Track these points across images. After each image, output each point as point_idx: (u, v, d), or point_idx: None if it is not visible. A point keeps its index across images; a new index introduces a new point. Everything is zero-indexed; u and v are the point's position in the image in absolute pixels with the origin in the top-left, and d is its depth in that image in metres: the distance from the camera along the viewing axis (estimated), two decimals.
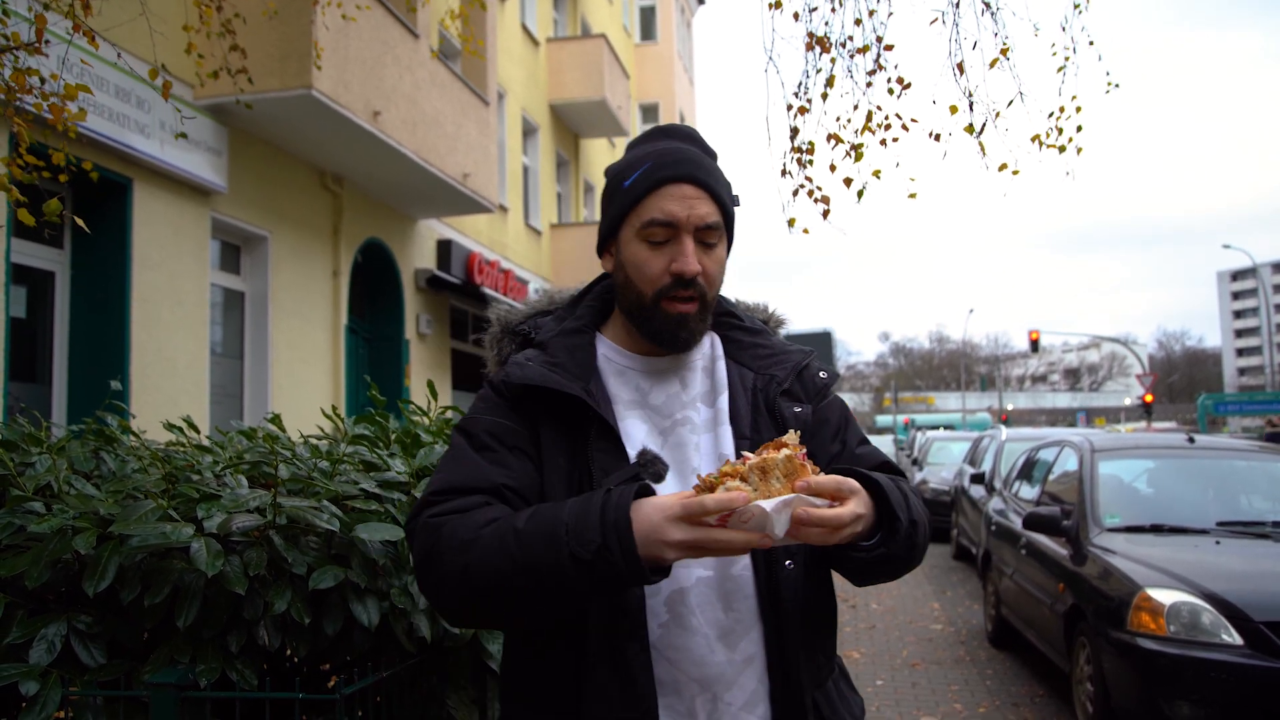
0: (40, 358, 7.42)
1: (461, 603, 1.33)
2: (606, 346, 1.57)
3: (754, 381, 1.56)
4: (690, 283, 1.44)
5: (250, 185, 9.23)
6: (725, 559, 1.42)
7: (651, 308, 1.47)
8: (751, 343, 1.62)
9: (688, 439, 1.49)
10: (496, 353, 1.65)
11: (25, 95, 3.79)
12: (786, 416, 1.52)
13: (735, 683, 1.40)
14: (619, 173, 1.52)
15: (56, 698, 1.83)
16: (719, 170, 1.52)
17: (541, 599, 1.27)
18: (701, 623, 1.40)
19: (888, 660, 7.02)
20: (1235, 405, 35.34)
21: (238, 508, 2.04)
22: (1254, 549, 5.12)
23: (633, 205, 1.47)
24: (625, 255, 1.49)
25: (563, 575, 1.23)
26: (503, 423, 1.45)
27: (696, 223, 1.44)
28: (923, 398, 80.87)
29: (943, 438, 18.65)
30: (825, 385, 1.61)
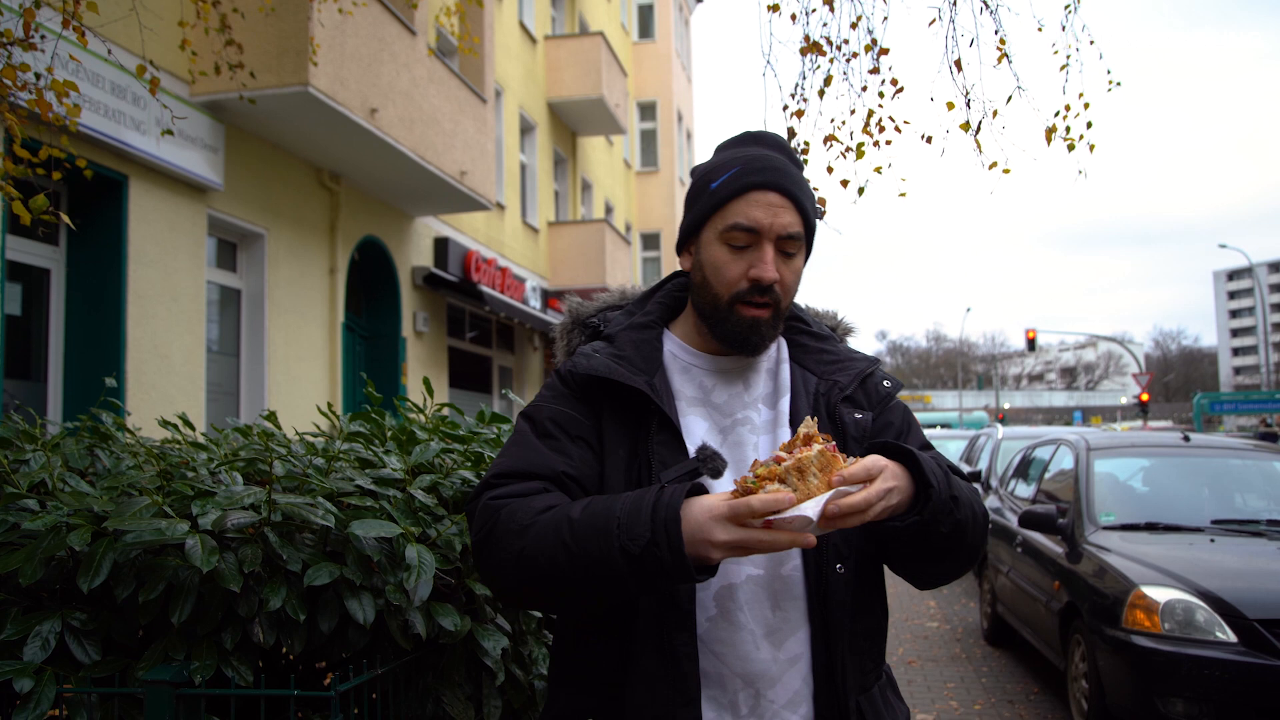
0: (35, 355, 7.41)
1: (516, 585, 1.36)
2: (674, 343, 1.59)
3: (817, 386, 1.58)
4: (767, 289, 1.46)
5: (247, 182, 9.22)
6: (776, 558, 1.45)
7: (726, 310, 1.49)
8: (817, 348, 1.64)
9: (746, 439, 1.52)
10: (566, 343, 1.68)
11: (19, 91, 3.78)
12: (848, 423, 1.53)
13: (779, 680, 1.42)
14: (706, 174, 1.53)
15: (51, 695, 1.82)
16: (805, 181, 1.53)
17: (591, 588, 1.30)
18: (749, 619, 1.42)
19: None
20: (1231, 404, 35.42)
21: (232, 504, 2.03)
22: (1248, 547, 5.14)
23: (718, 207, 1.49)
24: (705, 256, 1.51)
25: (612, 568, 1.26)
26: (566, 411, 1.48)
27: (779, 231, 1.46)
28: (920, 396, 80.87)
29: (939, 436, 18.66)
30: (889, 394, 1.63)
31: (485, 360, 16.18)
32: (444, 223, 13.78)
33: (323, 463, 2.39)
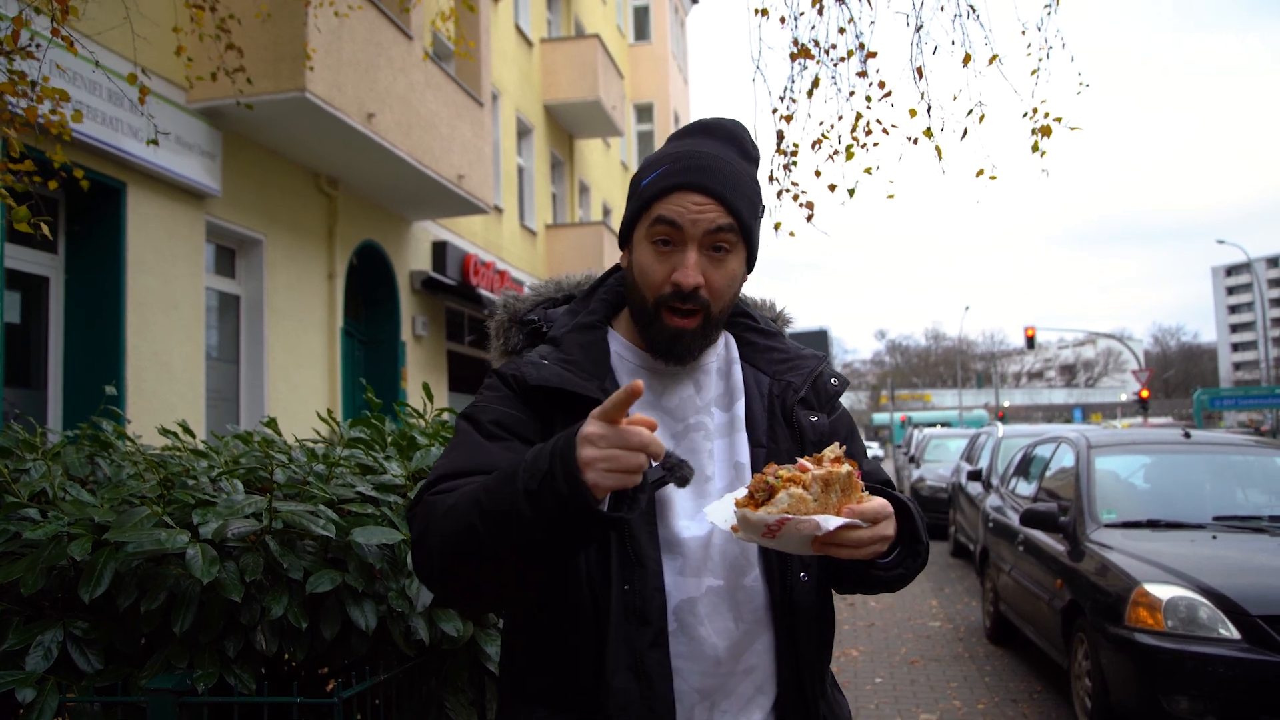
0: (35, 363, 7.41)
1: (444, 572, 1.27)
2: (619, 344, 1.52)
3: (770, 387, 1.54)
4: (690, 295, 1.39)
5: (244, 188, 9.22)
6: (737, 569, 1.41)
7: (653, 314, 1.43)
8: (767, 345, 1.59)
9: (701, 445, 1.46)
10: (504, 342, 1.60)
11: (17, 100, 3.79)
12: (805, 426, 1.50)
13: (733, 692, 1.40)
14: (642, 170, 1.48)
15: (54, 704, 1.82)
16: (745, 176, 1.46)
17: (508, 549, 1.20)
18: (710, 633, 1.38)
19: (886, 658, 7.03)
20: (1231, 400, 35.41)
21: (233, 513, 2.03)
22: (1251, 543, 5.13)
23: (644, 207, 1.43)
24: (635, 256, 1.45)
25: (518, 514, 1.17)
26: (512, 413, 1.41)
27: (705, 228, 1.39)
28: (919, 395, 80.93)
29: (940, 435, 18.66)
30: (836, 393, 1.59)
31: (485, 364, 16.17)
32: (442, 226, 13.78)
33: (323, 469, 2.39)
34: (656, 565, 1.36)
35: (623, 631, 1.33)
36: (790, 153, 5.60)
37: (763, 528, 1.20)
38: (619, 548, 1.35)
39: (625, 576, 1.34)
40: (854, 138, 5.38)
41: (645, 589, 1.35)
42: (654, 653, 1.34)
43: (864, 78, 5.34)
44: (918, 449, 17.79)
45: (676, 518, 1.40)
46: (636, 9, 25.76)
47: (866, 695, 6.06)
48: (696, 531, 1.39)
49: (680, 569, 1.38)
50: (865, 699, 5.97)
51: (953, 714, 5.65)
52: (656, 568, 1.36)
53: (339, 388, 10.80)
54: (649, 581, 1.35)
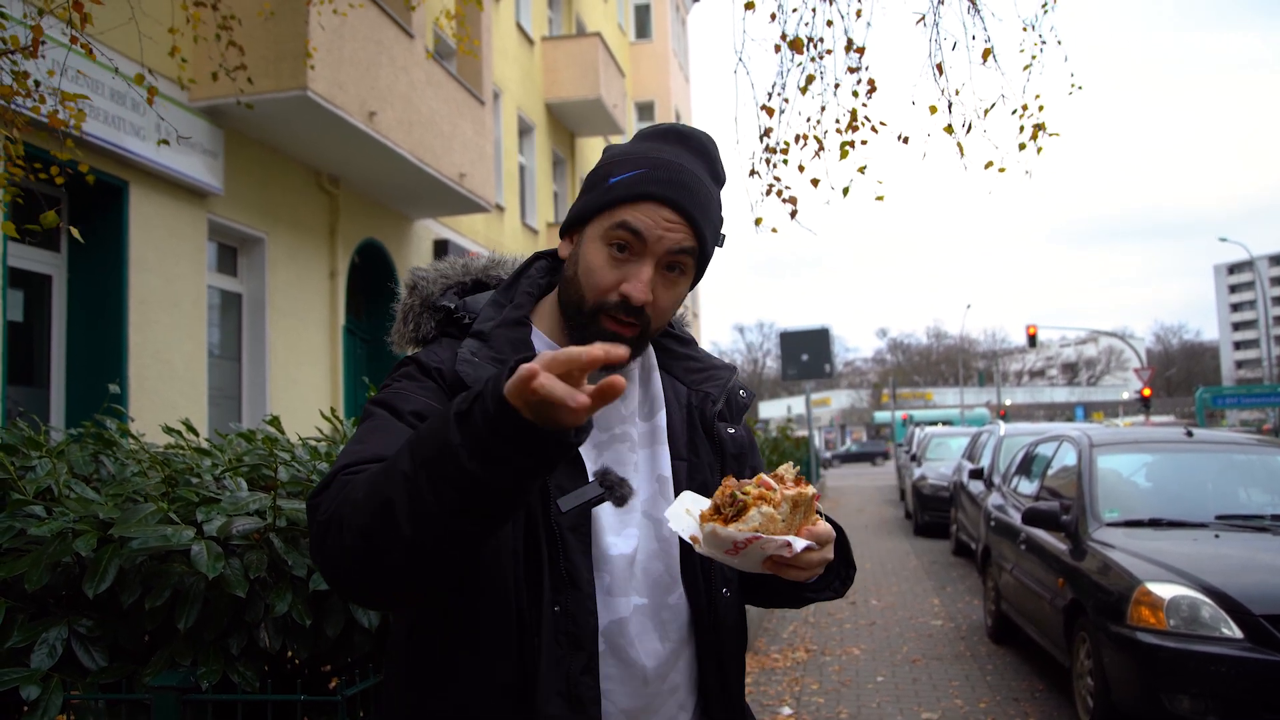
0: (38, 361, 7.42)
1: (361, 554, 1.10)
2: (542, 341, 1.42)
3: (689, 397, 1.49)
4: (637, 310, 1.32)
5: (246, 187, 9.22)
6: (662, 587, 1.36)
7: (589, 317, 1.34)
8: (684, 354, 1.54)
9: (627, 457, 1.39)
10: (415, 328, 1.48)
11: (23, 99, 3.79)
12: (724, 439, 1.47)
13: (658, 711, 1.36)
14: (612, 164, 1.39)
15: (58, 702, 1.83)
16: (715, 202, 1.40)
17: (432, 505, 1.05)
18: (639, 654, 1.33)
19: (888, 656, 7.03)
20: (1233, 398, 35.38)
21: (238, 510, 2.04)
22: (1253, 542, 5.13)
23: (608, 206, 1.34)
24: (584, 250, 1.36)
25: (447, 445, 1.03)
26: (435, 406, 1.29)
27: (668, 247, 1.32)
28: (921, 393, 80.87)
29: (941, 433, 18.66)
30: (745, 406, 1.55)
31: None
32: (443, 225, 13.79)
33: (327, 468, 2.39)
34: (590, 586, 1.29)
35: (554, 656, 1.25)
36: (781, 150, 5.58)
37: (730, 544, 1.17)
38: (551, 566, 1.26)
39: (556, 598, 1.26)
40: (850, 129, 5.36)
41: (579, 611, 1.27)
42: (585, 678, 1.27)
43: (854, 74, 5.33)
44: (919, 447, 17.79)
45: (604, 534, 1.33)
46: (638, 7, 25.77)
47: (868, 694, 6.06)
48: (624, 549, 1.34)
49: (608, 588, 1.32)
50: (867, 697, 5.97)
51: (954, 713, 5.65)
52: (590, 589, 1.29)
53: (341, 386, 10.81)
54: (582, 604, 1.28)
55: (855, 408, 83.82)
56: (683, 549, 1.38)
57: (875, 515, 18.53)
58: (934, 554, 12.56)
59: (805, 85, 5.34)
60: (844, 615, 8.58)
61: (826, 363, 17.19)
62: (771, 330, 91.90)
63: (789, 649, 7.29)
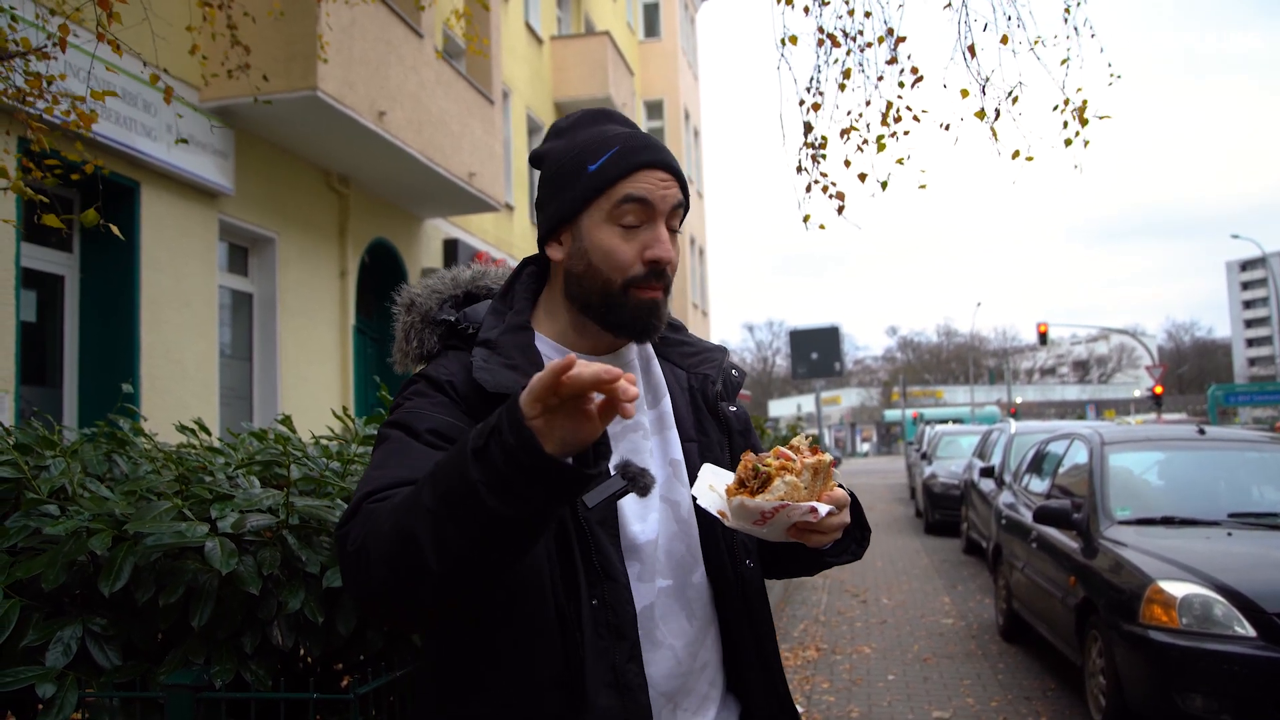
0: (51, 361, 7.46)
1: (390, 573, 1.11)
2: (546, 344, 1.44)
3: (689, 381, 1.53)
4: (662, 272, 1.38)
5: (257, 187, 9.26)
6: (684, 567, 1.40)
7: (620, 296, 1.37)
8: (677, 340, 1.58)
9: (641, 444, 1.43)
10: (417, 345, 1.50)
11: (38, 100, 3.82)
12: (729, 417, 1.52)
13: (692, 690, 1.40)
14: (576, 157, 1.39)
15: (73, 700, 1.84)
16: None
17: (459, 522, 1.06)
18: (667, 635, 1.37)
19: (899, 655, 7.02)
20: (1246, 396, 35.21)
21: (251, 507, 2.05)
22: (1266, 540, 5.10)
23: (603, 188, 1.36)
24: (591, 241, 1.38)
25: (466, 480, 1.05)
26: (450, 421, 1.31)
27: (671, 203, 1.39)
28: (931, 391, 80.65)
29: (951, 431, 18.60)
30: (739, 385, 1.59)
31: None
32: (453, 224, 13.81)
33: (339, 466, 2.40)
34: (624, 576, 1.32)
35: (598, 648, 1.28)
36: (819, 146, 5.56)
37: (758, 514, 1.22)
38: (584, 560, 1.29)
39: (593, 591, 1.29)
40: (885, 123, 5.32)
41: (616, 601, 1.30)
42: (631, 666, 1.30)
43: (894, 64, 5.30)
44: (930, 445, 17.74)
45: (630, 523, 1.37)
46: (646, 6, 25.76)
47: (879, 692, 6.05)
48: (648, 535, 1.38)
49: (639, 575, 1.35)
50: (878, 696, 5.96)
51: (966, 711, 5.64)
52: (624, 579, 1.32)
53: (351, 385, 10.84)
54: (619, 594, 1.31)
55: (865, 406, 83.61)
56: (701, 526, 1.42)
57: (886, 513, 18.50)
58: (945, 552, 12.53)
59: (844, 81, 5.32)
60: (855, 614, 8.57)
61: (836, 361, 17.15)
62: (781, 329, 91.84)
63: (799, 647, 7.28)
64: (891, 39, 5.26)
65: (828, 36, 5.28)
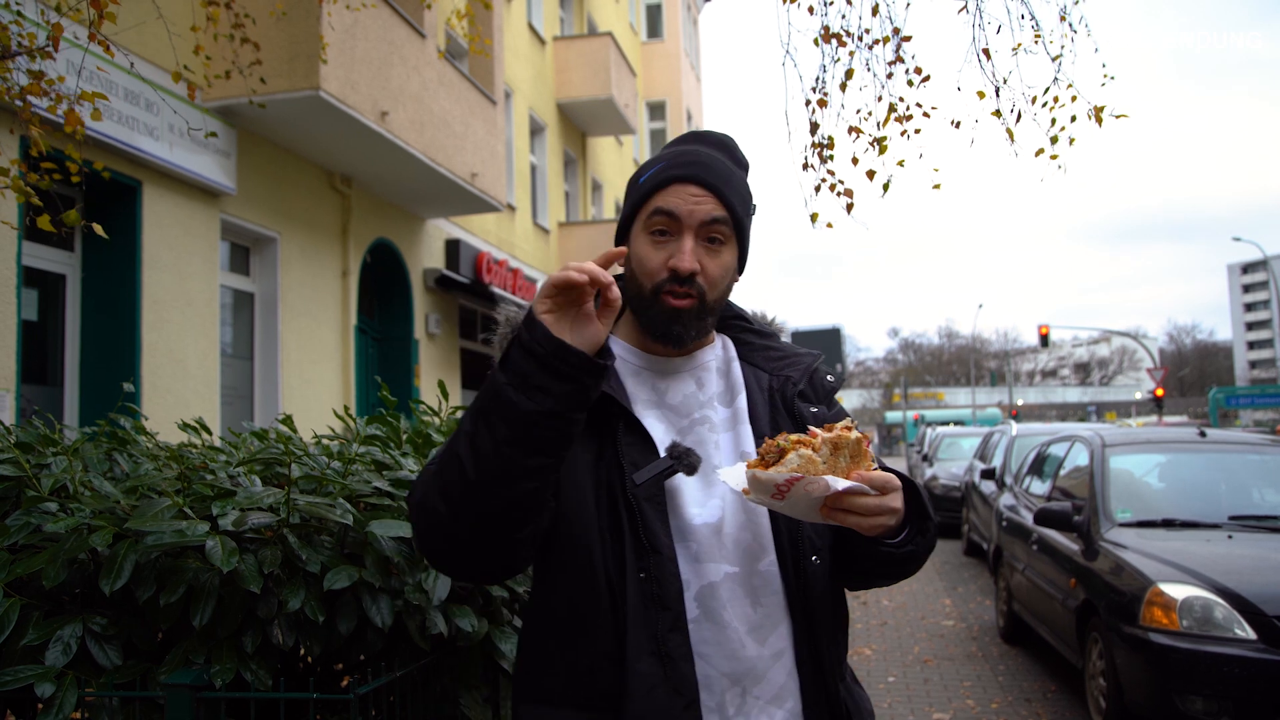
0: (52, 360, 7.46)
1: (447, 510, 1.31)
2: (620, 347, 1.57)
3: (769, 382, 1.59)
4: (687, 280, 1.45)
5: (259, 187, 9.26)
6: (751, 554, 1.45)
7: (650, 300, 1.48)
8: (763, 345, 1.65)
9: (707, 438, 1.51)
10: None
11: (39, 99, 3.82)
12: (806, 417, 1.55)
13: (765, 677, 1.43)
14: (638, 171, 1.55)
15: (73, 699, 1.84)
16: (737, 176, 1.53)
17: (495, 449, 1.26)
18: (732, 617, 1.42)
19: (899, 657, 7.02)
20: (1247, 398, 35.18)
21: (252, 505, 2.05)
22: (1267, 543, 5.10)
23: (642, 201, 1.50)
24: (633, 249, 1.51)
25: (497, 389, 1.27)
26: None
27: (701, 218, 1.45)
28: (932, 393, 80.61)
29: (953, 433, 18.60)
30: (833, 389, 1.65)
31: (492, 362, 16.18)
32: (455, 224, 13.81)
33: (340, 466, 2.40)
34: (671, 552, 1.40)
35: (642, 617, 1.37)
36: (825, 145, 5.56)
37: (772, 488, 1.23)
38: (633, 537, 1.39)
39: (641, 565, 1.38)
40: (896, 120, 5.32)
41: (662, 575, 1.38)
42: (674, 636, 1.37)
43: (899, 63, 5.30)
44: (931, 447, 17.74)
45: (687, 505, 1.44)
46: (649, 7, 25.75)
47: (880, 694, 6.05)
48: (708, 518, 1.44)
49: (695, 555, 1.42)
50: (879, 698, 5.96)
51: (966, 713, 5.64)
52: (671, 554, 1.39)
53: (353, 385, 10.85)
54: (665, 568, 1.38)
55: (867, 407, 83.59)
56: (773, 519, 1.47)
57: None
58: (945, 554, 12.53)
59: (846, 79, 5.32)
60: (855, 615, 8.57)
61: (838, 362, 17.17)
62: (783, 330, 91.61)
63: None
64: (897, 38, 5.27)
65: (834, 35, 5.28)
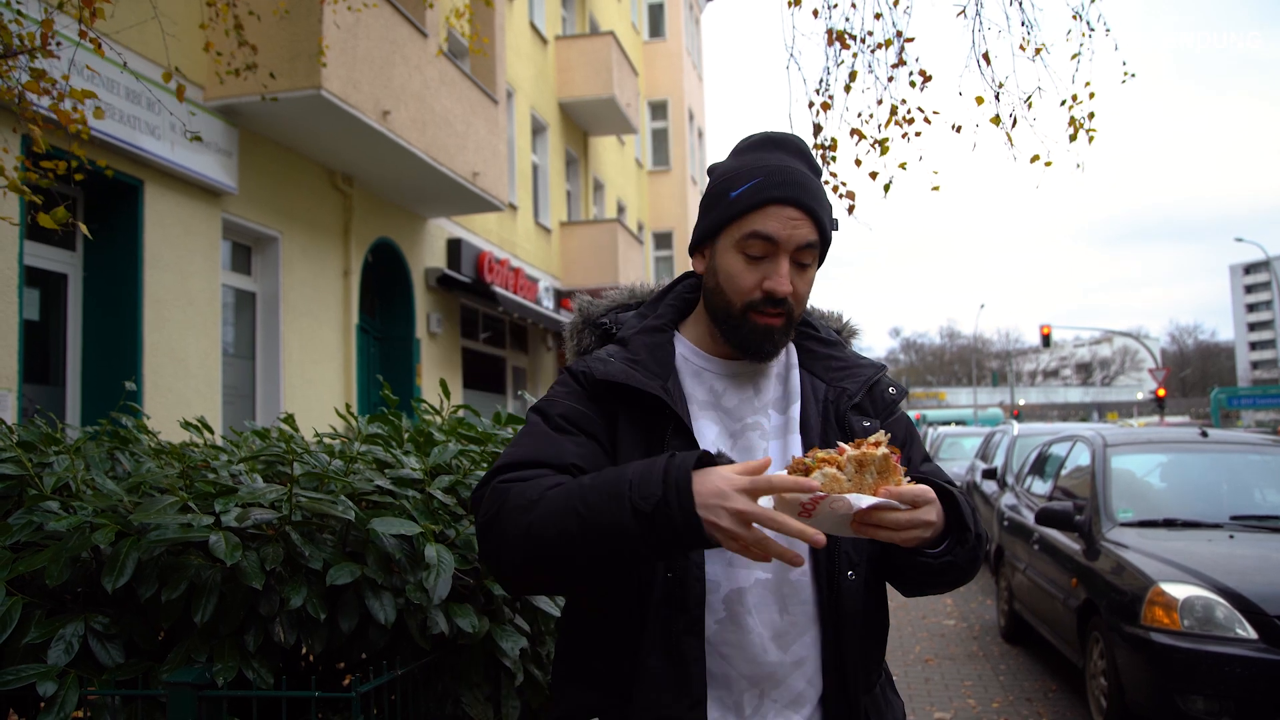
0: (54, 360, 7.46)
1: (522, 562, 1.34)
2: (685, 346, 1.59)
3: (826, 393, 1.59)
4: (781, 301, 1.47)
5: (261, 186, 9.26)
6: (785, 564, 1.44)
7: (740, 317, 1.49)
8: (826, 354, 1.64)
9: (756, 444, 1.53)
10: (576, 343, 1.68)
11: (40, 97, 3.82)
12: (857, 431, 1.54)
13: (784, 681, 1.45)
14: (726, 179, 1.52)
15: (74, 698, 1.83)
16: (823, 191, 1.53)
17: (601, 556, 1.29)
18: (757, 623, 1.44)
19: (901, 656, 7.02)
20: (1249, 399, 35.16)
21: (254, 500, 2.05)
22: (1268, 543, 5.10)
23: (735, 217, 1.48)
24: (720, 262, 1.51)
25: (623, 529, 1.25)
26: (579, 409, 1.49)
27: (797, 243, 1.46)
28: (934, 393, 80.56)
29: (954, 433, 18.60)
30: (894, 401, 1.64)
31: (499, 361, 16.21)
32: (457, 224, 13.81)
33: (341, 464, 2.40)
34: (700, 555, 1.41)
35: (660, 615, 1.40)
36: (828, 146, 5.59)
37: (798, 506, 1.23)
38: None
39: (669, 566, 1.41)
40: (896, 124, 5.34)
41: (686, 577, 1.40)
42: (689, 638, 1.39)
43: (902, 66, 5.32)
44: (932, 447, 17.73)
45: None
46: (651, 6, 25.74)
47: None
48: None
49: (730, 560, 1.44)
50: None
51: (967, 713, 5.64)
52: (700, 558, 1.42)
53: (354, 384, 10.85)
54: (690, 571, 1.41)
55: None
56: None
57: None
58: None
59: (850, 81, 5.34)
60: None
61: None
62: None
63: None
64: (900, 40, 5.28)
65: (837, 38, 5.29)
